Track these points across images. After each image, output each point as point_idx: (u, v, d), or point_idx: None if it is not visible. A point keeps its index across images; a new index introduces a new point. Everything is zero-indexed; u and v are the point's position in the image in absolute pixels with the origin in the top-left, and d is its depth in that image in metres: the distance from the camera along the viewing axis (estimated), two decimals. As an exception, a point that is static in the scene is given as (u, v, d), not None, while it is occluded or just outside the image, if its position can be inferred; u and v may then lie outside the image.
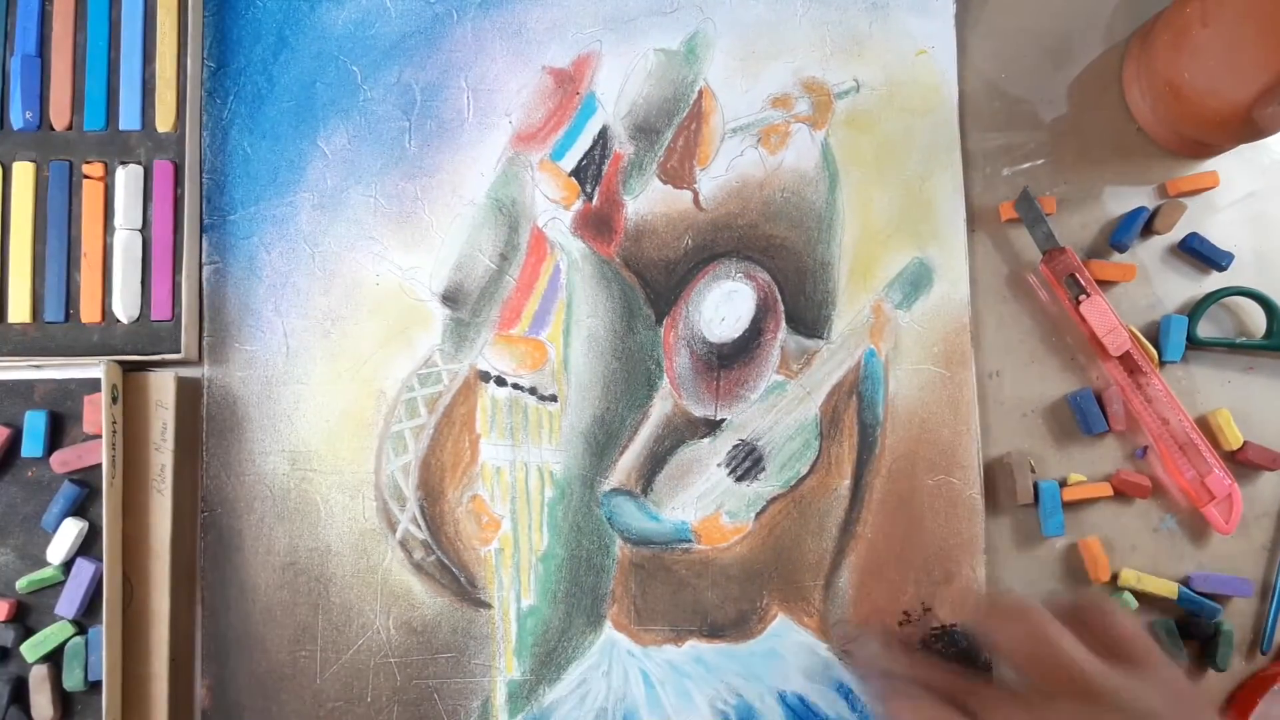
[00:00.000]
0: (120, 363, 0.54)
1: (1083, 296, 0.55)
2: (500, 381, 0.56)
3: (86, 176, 0.56)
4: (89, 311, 0.55)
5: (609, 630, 0.55)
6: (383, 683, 0.54)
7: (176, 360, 0.55)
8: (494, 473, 0.55)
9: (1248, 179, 0.58)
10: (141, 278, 0.56)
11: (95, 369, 0.54)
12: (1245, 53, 0.49)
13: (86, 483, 0.54)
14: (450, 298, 0.56)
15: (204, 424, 0.55)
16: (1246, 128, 0.52)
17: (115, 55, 0.56)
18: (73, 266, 0.55)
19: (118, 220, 0.56)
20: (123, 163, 0.56)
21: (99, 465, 0.53)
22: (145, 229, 0.56)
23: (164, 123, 0.56)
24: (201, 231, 0.56)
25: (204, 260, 0.56)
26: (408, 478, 0.55)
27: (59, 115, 0.56)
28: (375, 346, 0.56)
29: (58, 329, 0.55)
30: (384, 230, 0.56)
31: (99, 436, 0.53)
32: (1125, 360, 0.55)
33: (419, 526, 0.55)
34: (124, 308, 0.55)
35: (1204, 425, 0.56)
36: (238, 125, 0.57)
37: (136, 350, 0.55)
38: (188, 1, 0.56)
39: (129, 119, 0.56)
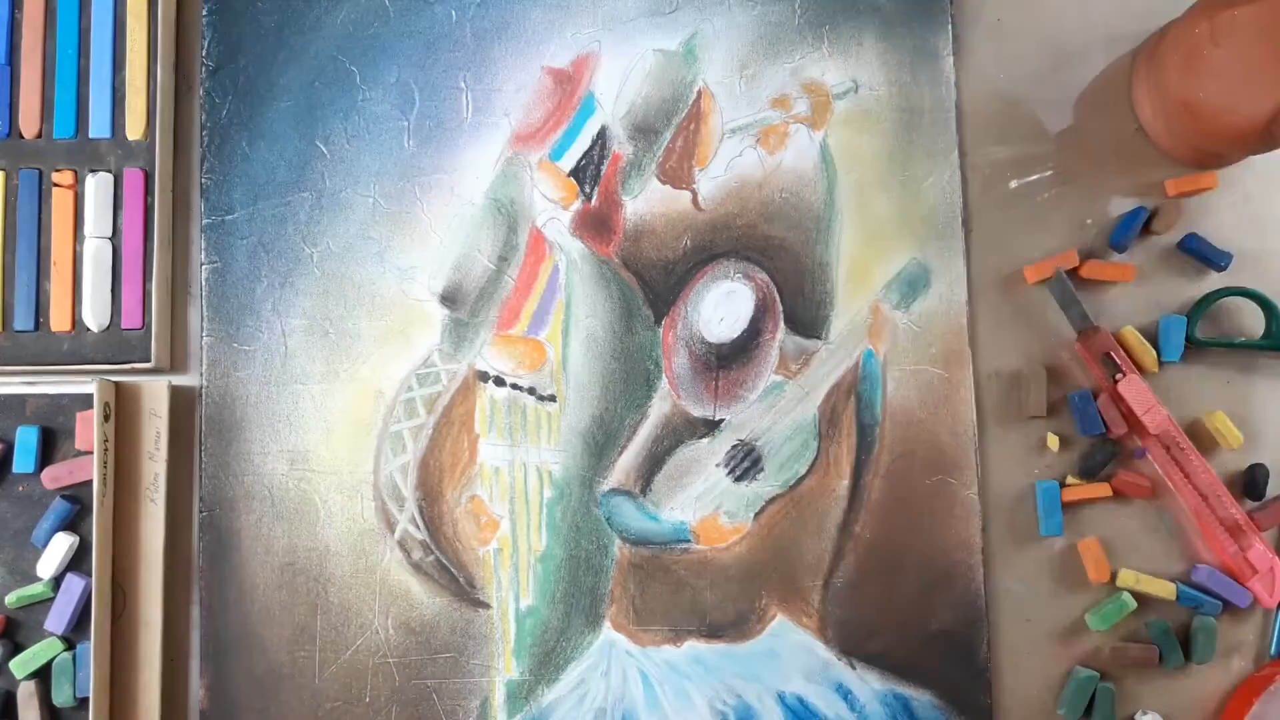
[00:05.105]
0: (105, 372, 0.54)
1: (1119, 375, 0.54)
2: (499, 381, 0.56)
3: (56, 185, 0.56)
4: (59, 320, 0.55)
5: (608, 630, 0.55)
6: (381, 683, 0.54)
7: (147, 369, 0.55)
8: (493, 473, 0.55)
9: (1246, 180, 0.58)
10: (112, 286, 0.55)
11: (88, 385, 0.54)
12: (1261, 68, 0.50)
13: (77, 498, 0.54)
14: (449, 298, 0.56)
15: (200, 426, 0.55)
16: (1264, 140, 0.52)
17: (85, 63, 0.56)
18: (42, 275, 0.55)
19: (88, 229, 0.55)
20: (92, 171, 0.56)
21: (90, 481, 0.53)
22: (115, 237, 0.56)
23: (134, 131, 0.56)
24: (200, 231, 0.56)
25: (203, 260, 0.56)
26: (406, 478, 0.55)
27: (28, 123, 0.56)
28: (374, 346, 0.56)
29: (27, 338, 0.55)
30: (383, 230, 0.56)
31: (91, 452, 0.53)
32: (1164, 437, 0.54)
33: (417, 527, 0.55)
34: (94, 316, 0.55)
35: (1202, 426, 0.56)
36: (237, 125, 0.57)
37: (106, 359, 0.55)
38: (158, 9, 0.56)
39: (99, 127, 0.56)
